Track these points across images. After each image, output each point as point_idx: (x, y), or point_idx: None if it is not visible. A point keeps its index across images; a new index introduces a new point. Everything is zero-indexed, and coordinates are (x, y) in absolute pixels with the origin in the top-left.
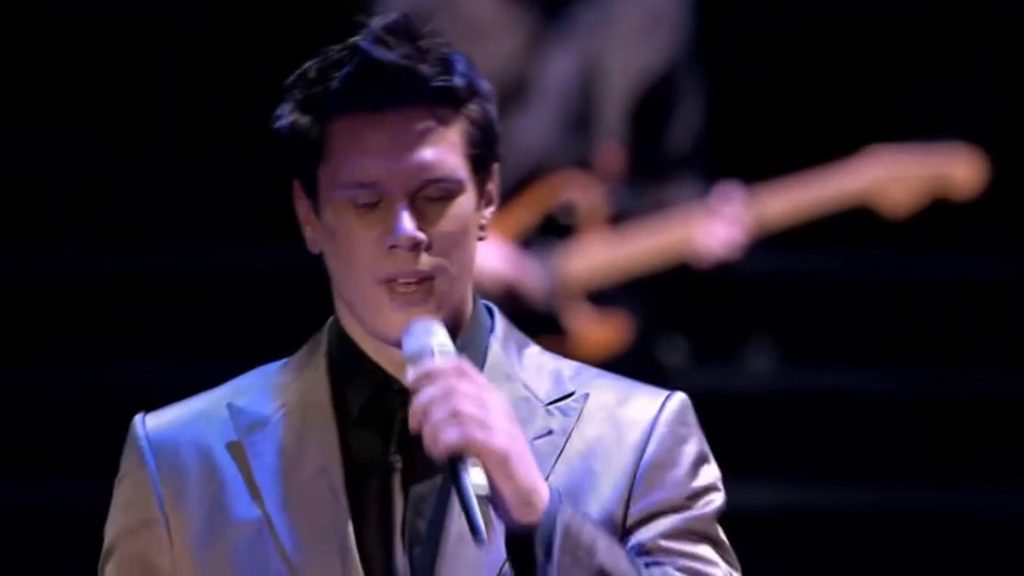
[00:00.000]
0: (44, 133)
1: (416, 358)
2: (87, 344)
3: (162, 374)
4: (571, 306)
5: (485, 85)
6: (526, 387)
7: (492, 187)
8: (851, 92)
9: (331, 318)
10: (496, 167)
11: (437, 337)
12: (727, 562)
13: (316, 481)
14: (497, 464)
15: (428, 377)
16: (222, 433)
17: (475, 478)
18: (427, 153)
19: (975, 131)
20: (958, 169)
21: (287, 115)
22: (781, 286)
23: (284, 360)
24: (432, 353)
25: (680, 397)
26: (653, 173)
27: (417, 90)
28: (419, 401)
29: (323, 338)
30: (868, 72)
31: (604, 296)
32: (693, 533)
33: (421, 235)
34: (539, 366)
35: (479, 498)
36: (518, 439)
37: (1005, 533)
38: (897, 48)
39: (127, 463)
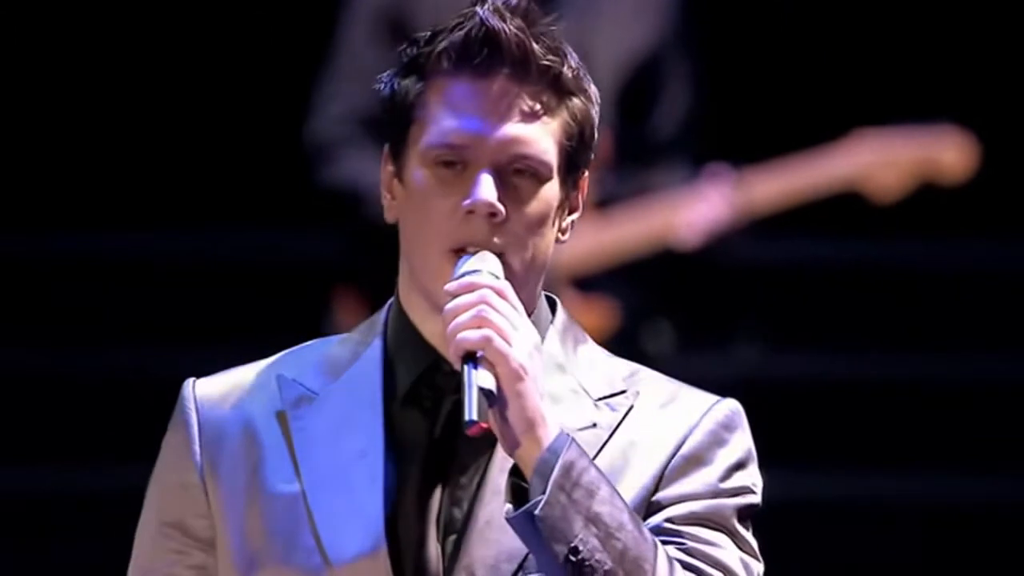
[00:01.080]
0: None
1: (463, 276)
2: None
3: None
4: (557, 292)
5: (594, 89)
6: (578, 381)
7: (579, 195)
8: (839, 75)
9: (392, 297)
10: (586, 176)
11: (489, 264)
12: (746, 552)
13: (356, 463)
14: (510, 378)
15: (467, 287)
16: (269, 403)
17: (482, 378)
18: (523, 128)
19: (965, 114)
20: (947, 153)
21: (390, 78)
22: (768, 272)
23: (341, 335)
24: (480, 272)
25: (729, 403)
26: (640, 157)
27: (525, 65)
28: (452, 305)
29: (381, 316)
30: (857, 55)
31: (590, 282)
32: (711, 522)
33: (500, 206)
34: (593, 362)
35: (481, 391)
36: (537, 369)
37: (993, 522)
38: (885, 31)
39: (173, 425)
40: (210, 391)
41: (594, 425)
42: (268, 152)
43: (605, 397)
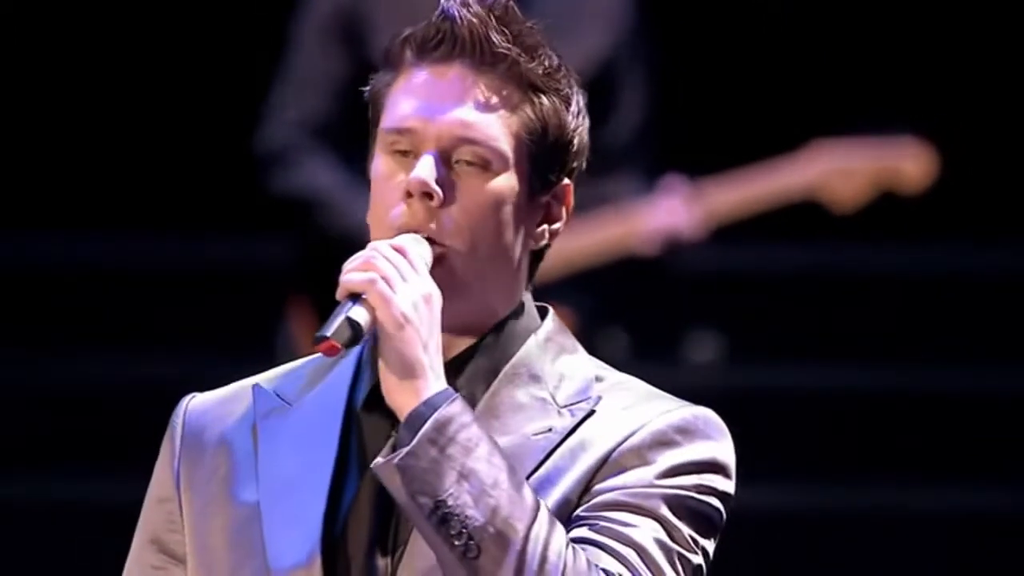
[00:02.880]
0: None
1: None
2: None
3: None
4: None
5: (579, 99)
6: (549, 391)
7: (562, 205)
8: (798, 87)
9: None
10: (569, 187)
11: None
12: (678, 543)
13: (306, 476)
14: (389, 323)
15: (368, 247)
16: (247, 416)
17: (356, 312)
18: (472, 115)
19: (923, 124)
20: (907, 162)
21: (373, 75)
22: (724, 280)
23: None
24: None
25: (698, 410)
26: (595, 167)
27: (480, 52)
28: (348, 262)
29: None
30: (816, 66)
31: (546, 290)
32: (634, 508)
33: (436, 187)
34: (573, 372)
35: (347, 319)
36: (424, 322)
37: (954, 531)
38: (843, 43)
39: (164, 440)
40: (200, 406)
41: (549, 430)
42: (221, 159)
43: (569, 404)
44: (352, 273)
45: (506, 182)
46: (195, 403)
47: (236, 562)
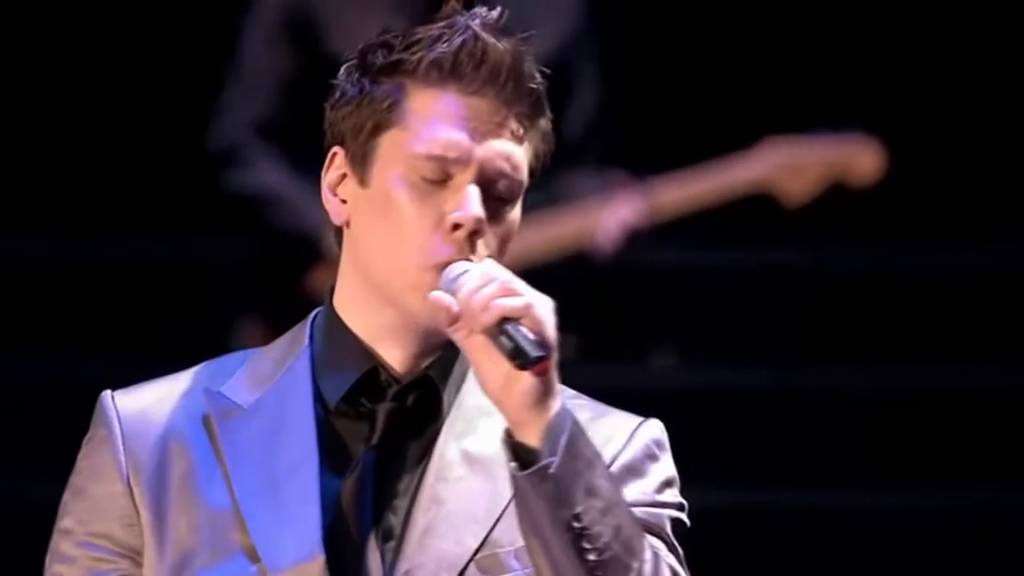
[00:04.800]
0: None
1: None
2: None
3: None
4: None
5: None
6: None
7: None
8: (749, 85)
9: (317, 309)
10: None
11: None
12: (680, 563)
13: (290, 475)
14: (550, 343)
15: (469, 272)
16: (196, 415)
17: (528, 332)
18: (512, 148)
19: (873, 121)
20: (857, 156)
21: (356, 80)
22: (682, 282)
23: (261, 348)
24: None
25: (656, 422)
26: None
27: (516, 86)
28: (468, 281)
29: (306, 328)
30: (767, 64)
31: None
32: (650, 526)
33: (485, 224)
34: None
35: (533, 341)
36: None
37: (907, 532)
38: (795, 41)
39: (94, 437)
40: (131, 402)
41: None
42: (166, 159)
43: None
44: (505, 299)
45: (517, 211)
46: (126, 399)
47: (213, 562)
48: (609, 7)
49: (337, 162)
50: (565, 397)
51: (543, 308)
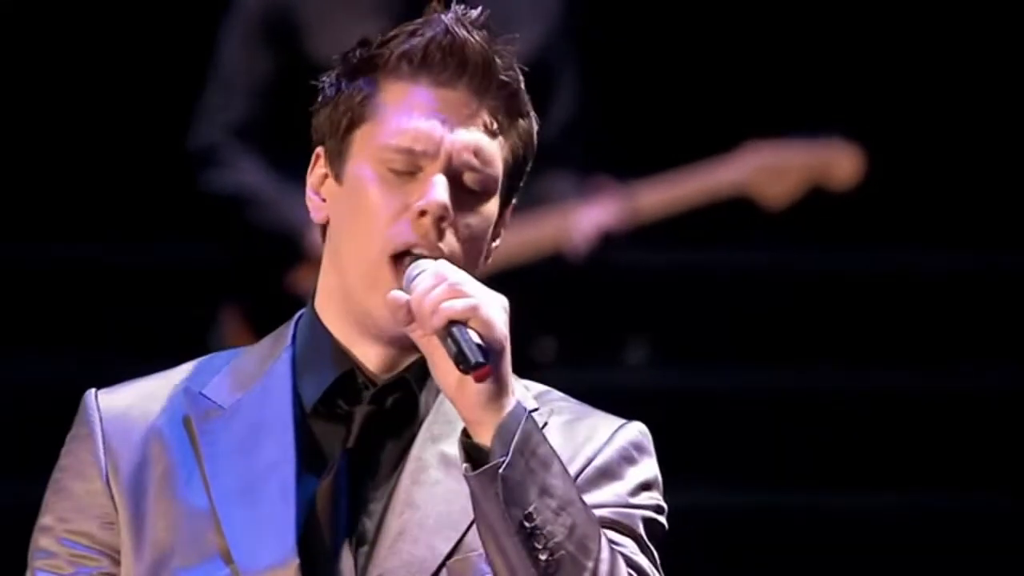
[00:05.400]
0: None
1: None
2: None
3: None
4: None
5: (536, 119)
6: None
7: (504, 222)
8: (730, 90)
9: (301, 310)
10: (511, 207)
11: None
12: (652, 563)
13: (268, 476)
14: (495, 345)
15: (425, 272)
16: (177, 415)
17: (474, 336)
18: (481, 139)
19: (853, 126)
20: (836, 160)
21: (335, 79)
22: (657, 282)
23: (247, 347)
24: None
25: (638, 425)
26: None
27: (487, 78)
28: (419, 284)
29: (289, 329)
30: (748, 68)
31: None
32: (620, 527)
33: (451, 211)
34: None
35: (478, 345)
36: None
37: (878, 534)
38: (775, 46)
39: (76, 435)
40: (114, 401)
41: None
42: (147, 162)
43: None
44: (452, 302)
45: (493, 206)
46: (108, 398)
47: (189, 563)
48: (590, 10)
49: (320, 162)
50: (551, 398)
51: (491, 309)
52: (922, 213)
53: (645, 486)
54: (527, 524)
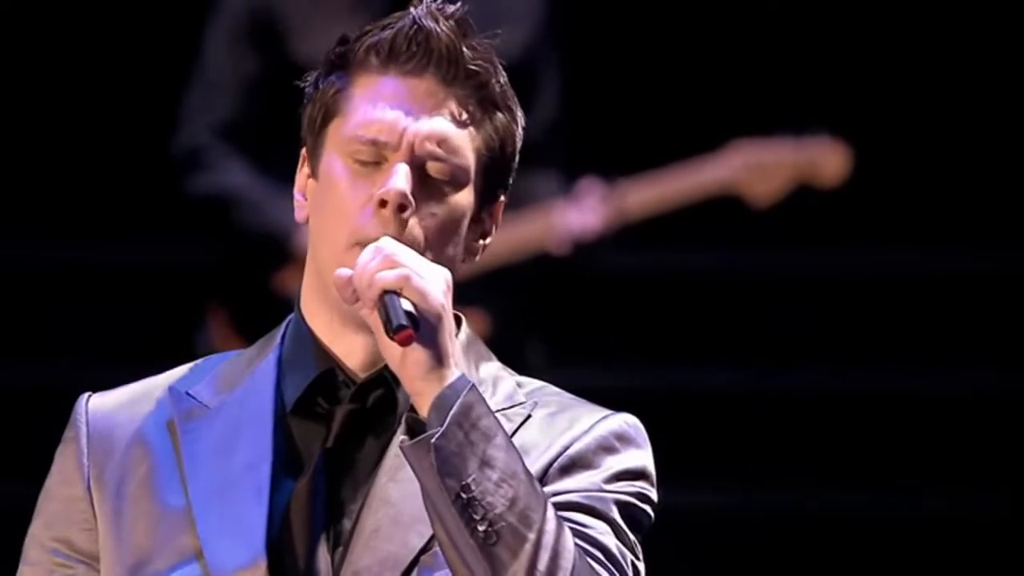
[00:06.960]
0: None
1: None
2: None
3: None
4: None
5: (520, 112)
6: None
7: (493, 221)
8: (716, 87)
9: (292, 313)
10: (502, 204)
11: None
12: (625, 546)
13: (243, 476)
14: (431, 315)
15: (371, 250)
16: (160, 415)
17: (406, 304)
18: (444, 127)
19: (839, 124)
20: (823, 157)
21: (315, 78)
22: (648, 283)
23: (240, 350)
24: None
25: (625, 416)
26: None
27: (454, 67)
28: (359, 260)
29: (280, 330)
30: (733, 67)
31: (459, 292)
32: (590, 510)
33: (411, 199)
34: (496, 379)
35: (407, 312)
36: (450, 310)
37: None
38: (762, 44)
39: (65, 439)
40: (103, 404)
41: None
42: (139, 162)
43: (503, 409)
44: (384, 272)
45: (465, 198)
46: (98, 402)
47: (165, 565)
48: (575, 10)
49: (301, 164)
50: (544, 392)
51: (424, 280)
52: (911, 211)
53: (626, 475)
54: (463, 495)
